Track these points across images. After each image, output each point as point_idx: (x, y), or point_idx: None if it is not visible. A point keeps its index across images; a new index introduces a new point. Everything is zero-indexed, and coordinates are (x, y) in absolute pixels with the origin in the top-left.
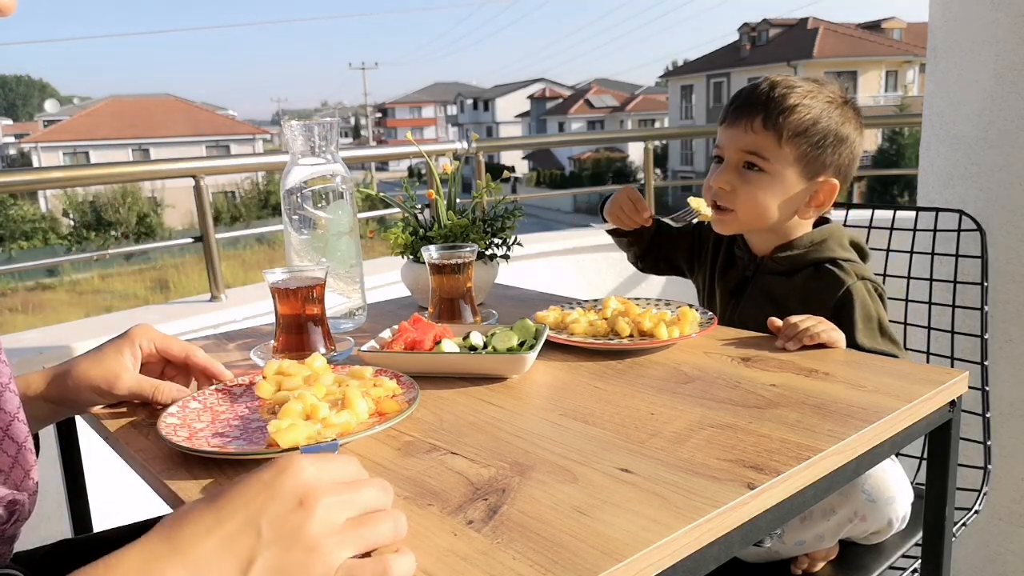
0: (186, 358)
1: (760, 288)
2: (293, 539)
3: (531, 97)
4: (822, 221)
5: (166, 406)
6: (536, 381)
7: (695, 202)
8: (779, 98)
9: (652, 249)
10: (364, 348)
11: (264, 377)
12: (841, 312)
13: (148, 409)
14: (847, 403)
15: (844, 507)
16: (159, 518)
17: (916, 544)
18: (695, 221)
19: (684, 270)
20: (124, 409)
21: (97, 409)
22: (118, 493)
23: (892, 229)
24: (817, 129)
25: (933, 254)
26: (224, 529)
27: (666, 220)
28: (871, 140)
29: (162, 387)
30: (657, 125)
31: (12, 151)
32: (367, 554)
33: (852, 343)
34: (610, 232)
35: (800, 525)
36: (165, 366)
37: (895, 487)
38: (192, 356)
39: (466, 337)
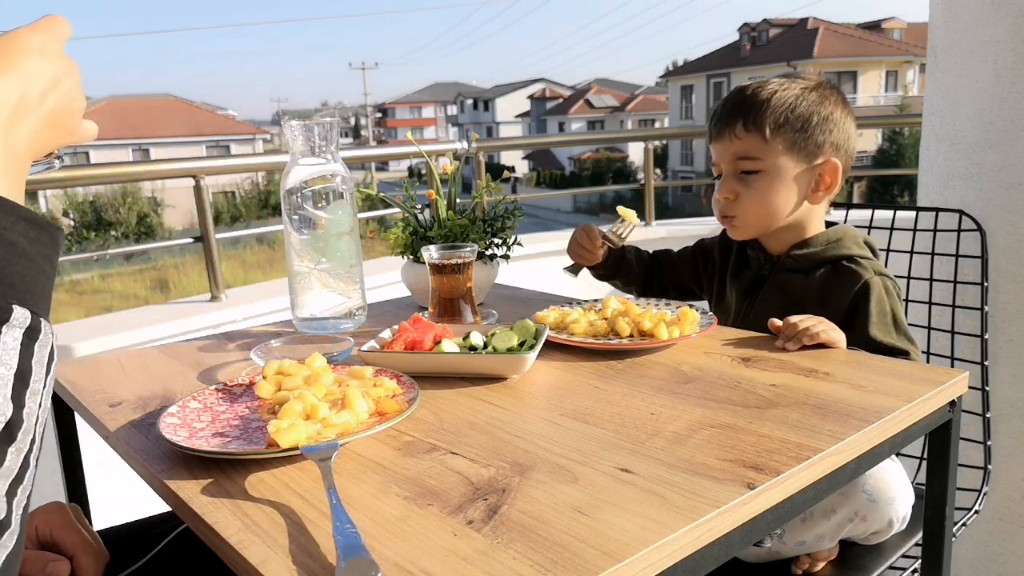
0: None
1: (776, 285)
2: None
3: (531, 97)
4: (828, 225)
5: None
6: (536, 381)
7: (623, 211)
8: (752, 97)
9: (652, 281)
10: (364, 348)
11: (264, 377)
12: (858, 306)
13: (148, 409)
14: (847, 403)
15: (845, 507)
16: (160, 517)
17: (916, 544)
18: (628, 232)
19: (694, 291)
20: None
21: (98, 409)
22: (118, 493)
23: (892, 229)
24: (797, 114)
25: (933, 254)
26: None
27: (608, 236)
28: (871, 140)
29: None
30: (657, 125)
31: None
32: None
33: (865, 336)
34: (601, 279)
35: (801, 525)
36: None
37: (895, 487)
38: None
39: (466, 337)
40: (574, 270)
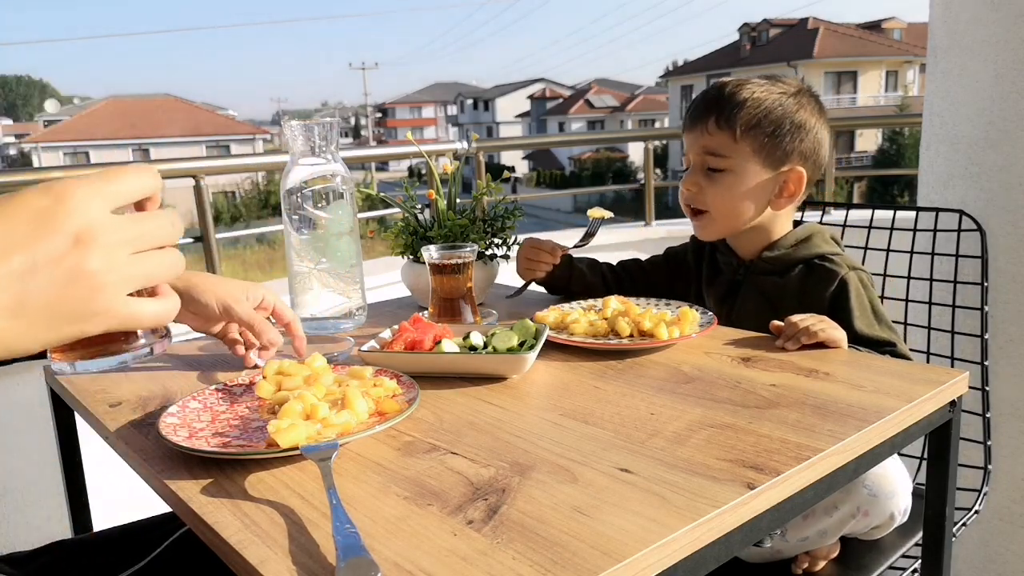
0: (287, 324)
1: (752, 289)
2: (70, 277)
3: (531, 97)
4: (795, 225)
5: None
6: (536, 381)
7: (592, 211)
8: (728, 96)
9: (622, 289)
10: (364, 348)
11: (264, 377)
12: (837, 302)
13: (148, 409)
14: (847, 403)
15: (847, 503)
16: (159, 517)
17: (916, 544)
18: (596, 227)
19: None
20: (122, 406)
21: (98, 409)
22: (118, 493)
23: (892, 229)
24: (771, 119)
25: (933, 254)
26: None
27: (572, 251)
28: (871, 140)
29: (268, 329)
30: (657, 125)
31: (12, 151)
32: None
33: (851, 331)
34: (554, 290)
35: (803, 522)
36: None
37: (896, 481)
38: (293, 324)
39: (466, 337)
40: (518, 293)
